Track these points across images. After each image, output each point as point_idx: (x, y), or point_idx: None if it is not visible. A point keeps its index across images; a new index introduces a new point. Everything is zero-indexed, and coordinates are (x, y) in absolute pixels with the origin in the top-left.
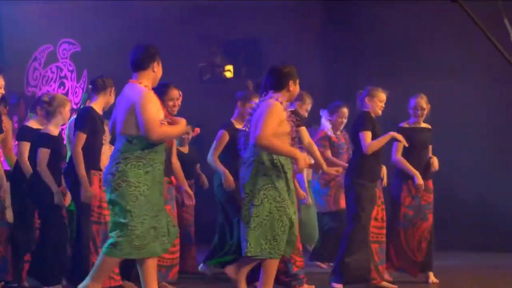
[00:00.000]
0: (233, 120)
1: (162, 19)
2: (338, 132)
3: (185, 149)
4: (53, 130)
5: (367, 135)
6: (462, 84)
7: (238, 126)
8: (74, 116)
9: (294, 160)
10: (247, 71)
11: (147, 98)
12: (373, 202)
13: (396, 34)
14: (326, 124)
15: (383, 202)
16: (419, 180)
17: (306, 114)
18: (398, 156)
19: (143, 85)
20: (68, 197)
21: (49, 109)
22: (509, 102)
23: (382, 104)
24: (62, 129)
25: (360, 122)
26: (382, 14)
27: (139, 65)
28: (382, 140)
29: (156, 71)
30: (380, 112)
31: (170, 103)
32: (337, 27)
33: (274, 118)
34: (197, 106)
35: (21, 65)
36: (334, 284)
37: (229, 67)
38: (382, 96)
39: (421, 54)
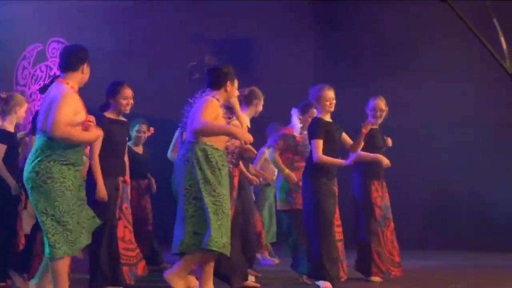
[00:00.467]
0: None
1: (151, 19)
2: (305, 132)
3: (139, 149)
4: (8, 126)
5: (318, 143)
6: (460, 84)
7: None
8: None
9: (234, 137)
10: (236, 70)
11: (65, 98)
12: (334, 198)
13: (389, 34)
14: (296, 123)
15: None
16: (384, 160)
17: (260, 108)
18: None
19: (70, 85)
20: None
21: (5, 107)
22: (508, 102)
23: (331, 101)
24: None
25: (311, 129)
26: (374, 14)
27: (68, 66)
28: (335, 162)
29: (84, 73)
30: (331, 109)
31: (124, 102)
32: (328, 28)
33: (209, 111)
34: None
35: (11, 64)
36: (321, 284)
37: None
38: (327, 94)
39: (416, 54)
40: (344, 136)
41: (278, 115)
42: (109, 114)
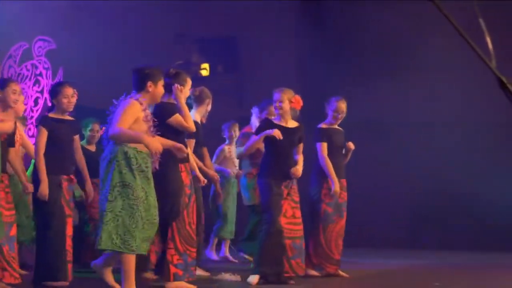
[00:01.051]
0: None
1: (138, 18)
2: None
3: (92, 148)
4: None
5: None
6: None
7: None
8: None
9: (145, 145)
10: (223, 69)
11: None
12: (281, 197)
13: (374, 33)
14: (255, 122)
15: (294, 200)
16: (336, 187)
17: (208, 108)
18: (325, 154)
19: None
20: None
21: None
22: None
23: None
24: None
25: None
26: (357, 13)
27: None
28: (256, 142)
29: None
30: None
31: (65, 101)
32: (313, 27)
33: (129, 115)
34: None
35: None
36: (250, 277)
37: (205, 65)
38: (285, 96)
39: (406, 53)
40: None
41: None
42: (53, 114)
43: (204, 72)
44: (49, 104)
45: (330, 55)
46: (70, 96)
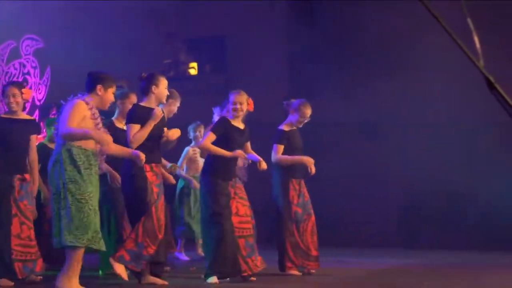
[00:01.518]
0: (114, 119)
1: (126, 17)
2: None
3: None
4: None
5: (210, 136)
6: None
7: (119, 125)
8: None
9: (95, 140)
10: (211, 68)
11: None
12: (228, 197)
13: (366, 33)
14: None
15: (243, 197)
16: (306, 159)
17: (175, 110)
18: (278, 156)
19: None
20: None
21: None
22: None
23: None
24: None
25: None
26: (350, 13)
27: None
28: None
29: None
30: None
31: (8, 100)
32: (303, 26)
33: (76, 114)
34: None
35: None
36: (209, 279)
37: (193, 64)
38: (244, 98)
39: (398, 53)
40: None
41: (252, 113)
42: (4, 115)
43: (193, 71)
44: (37, 103)
45: (320, 55)
46: (12, 96)
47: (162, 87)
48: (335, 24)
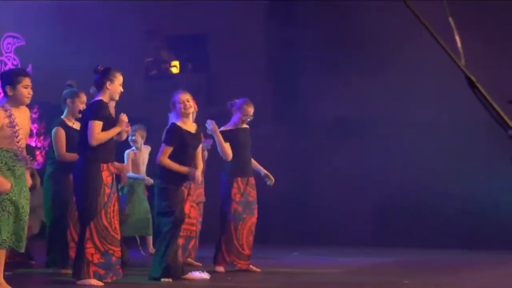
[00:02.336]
0: (64, 118)
1: (108, 14)
2: None
3: None
4: None
5: (167, 150)
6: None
7: (69, 123)
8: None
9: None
10: (193, 66)
11: None
12: (182, 198)
13: (339, 31)
14: None
15: (193, 200)
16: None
17: (81, 107)
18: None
19: None
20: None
21: None
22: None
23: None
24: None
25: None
26: (326, 12)
27: None
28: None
29: None
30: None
31: None
32: (284, 24)
33: None
34: (143, 102)
35: None
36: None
37: (175, 62)
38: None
39: (370, 51)
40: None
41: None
42: None
43: (174, 70)
44: None
45: (301, 53)
46: None
47: (117, 83)
48: (315, 23)
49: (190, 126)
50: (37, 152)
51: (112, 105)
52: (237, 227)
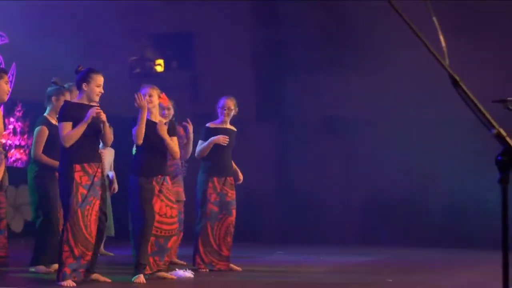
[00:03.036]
0: (47, 116)
1: (92, 13)
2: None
3: None
4: None
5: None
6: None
7: (53, 121)
8: None
9: None
10: (178, 65)
11: None
12: (152, 196)
13: (323, 30)
14: None
15: (169, 198)
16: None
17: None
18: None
19: None
20: None
21: None
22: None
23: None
24: None
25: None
26: (309, 11)
27: None
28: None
29: None
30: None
31: None
32: (268, 23)
33: None
34: (127, 100)
35: None
36: (137, 278)
37: (160, 61)
38: (99, 79)
39: (354, 49)
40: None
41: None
42: None
43: (159, 68)
44: None
45: (286, 52)
46: None
47: (93, 85)
48: (299, 23)
49: (154, 117)
50: (21, 151)
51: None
52: (213, 228)
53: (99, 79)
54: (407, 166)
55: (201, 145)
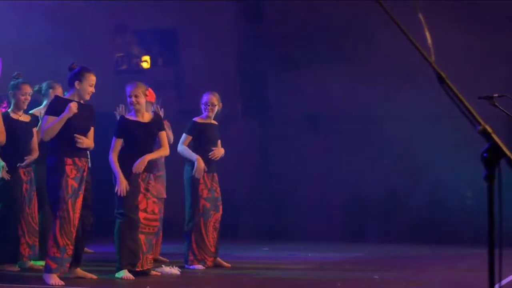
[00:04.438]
0: (9, 111)
1: (78, 9)
2: None
3: None
4: None
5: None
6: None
7: (15, 116)
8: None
9: None
10: (163, 61)
11: None
12: (136, 193)
13: (306, 28)
14: None
15: (154, 195)
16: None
17: (22, 99)
18: (184, 145)
19: None
20: None
21: None
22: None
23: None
24: None
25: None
26: (292, 9)
27: None
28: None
29: None
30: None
31: None
32: (253, 20)
33: None
34: (113, 97)
35: None
36: (118, 274)
37: (146, 57)
38: (92, 79)
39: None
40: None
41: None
42: None
43: (145, 65)
44: None
45: (270, 49)
46: None
47: (86, 84)
48: (283, 20)
49: (141, 116)
50: None
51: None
52: (206, 224)
53: (92, 79)
54: (389, 162)
55: (185, 139)
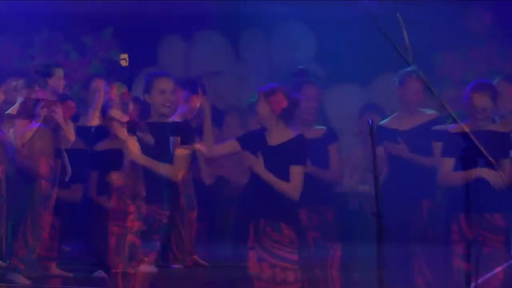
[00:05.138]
0: None
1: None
2: None
3: None
4: None
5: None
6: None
7: None
8: None
9: None
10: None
11: None
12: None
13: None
14: None
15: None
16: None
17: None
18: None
19: None
20: None
21: None
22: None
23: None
24: None
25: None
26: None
27: None
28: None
29: None
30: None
31: None
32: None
33: None
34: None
35: None
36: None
37: (124, 55)
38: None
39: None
40: None
41: None
42: None
43: (123, 63)
44: None
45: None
46: None
47: (58, 80)
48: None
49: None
50: None
51: None
52: (183, 223)
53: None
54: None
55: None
